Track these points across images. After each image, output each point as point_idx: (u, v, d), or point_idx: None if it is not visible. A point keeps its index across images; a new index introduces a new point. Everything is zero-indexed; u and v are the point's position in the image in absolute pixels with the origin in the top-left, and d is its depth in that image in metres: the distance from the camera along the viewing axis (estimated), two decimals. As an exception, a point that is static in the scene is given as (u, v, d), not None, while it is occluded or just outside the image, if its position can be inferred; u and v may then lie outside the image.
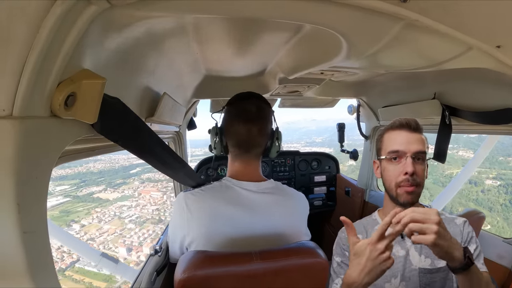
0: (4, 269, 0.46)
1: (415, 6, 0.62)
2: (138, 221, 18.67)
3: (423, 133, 1.13)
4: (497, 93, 1.19)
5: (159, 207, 20.35)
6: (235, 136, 1.20)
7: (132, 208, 20.33)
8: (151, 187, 22.85)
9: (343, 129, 2.55)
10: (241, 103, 1.22)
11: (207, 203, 1.13)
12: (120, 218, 18.69)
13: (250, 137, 1.18)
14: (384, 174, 1.13)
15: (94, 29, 0.56)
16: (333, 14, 0.68)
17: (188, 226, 1.12)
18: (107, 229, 18.10)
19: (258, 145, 1.21)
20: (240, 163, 1.23)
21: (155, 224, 18.32)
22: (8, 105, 0.44)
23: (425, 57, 0.95)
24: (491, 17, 0.64)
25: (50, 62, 0.47)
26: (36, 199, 0.49)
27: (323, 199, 2.70)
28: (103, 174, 25.52)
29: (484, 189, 15.72)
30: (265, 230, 1.15)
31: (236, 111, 1.21)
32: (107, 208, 20.62)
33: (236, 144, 1.21)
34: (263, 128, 1.20)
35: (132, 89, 0.97)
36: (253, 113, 1.18)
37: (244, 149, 1.20)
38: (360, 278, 0.84)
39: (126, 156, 25.50)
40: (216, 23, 0.95)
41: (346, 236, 1.17)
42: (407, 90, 1.77)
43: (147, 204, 20.88)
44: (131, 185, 23.75)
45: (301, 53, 1.24)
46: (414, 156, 1.06)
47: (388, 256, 0.83)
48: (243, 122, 1.17)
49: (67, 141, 0.58)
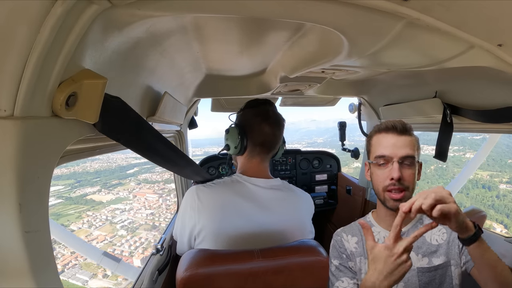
0: (6, 268, 0.46)
1: (416, 5, 0.62)
2: (130, 227, 18.25)
3: (414, 132, 1.12)
4: (499, 91, 1.19)
5: (153, 211, 19.82)
6: (261, 136, 1.28)
7: (126, 212, 19.66)
8: (147, 188, 22.35)
9: (344, 128, 2.55)
10: (264, 106, 1.32)
11: (218, 195, 1.19)
12: (111, 223, 18.32)
13: (274, 138, 1.30)
14: (373, 178, 1.14)
15: (95, 28, 0.56)
16: (334, 13, 0.67)
17: (199, 215, 1.16)
18: (96, 236, 17.40)
19: (276, 147, 1.33)
20: (257, 161, 1.30)
21: (149, 231, 17.76)
22: (9, 105, 0.44)
23: (426, 55, 0.95)
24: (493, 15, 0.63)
25: (51, 62, 0.47)
26: (38, 198, 0.49)
27: (324, 197, 2.70)
28: (99, 174, 25.09)
29: (499, 194, 15.58)
30: (271, 225, 1.19)
31: (262, 113, 1.29)
32: (99, 212, 20.03)
33: (261, 143, 1.29)
34: (281, 132, 1.34)
35: (133, 89, 0.97)
36: (275, 118, 1.30)
37: (266, 148, 1.30)
38: (378, 282, 0.83)
39: (124, 155, 25.03)
40: (217, 22, 0.94)
41: (341, 239, 1.18)
42: (408, 89, 1.76)
43: (141, 207, 20.26)
44: (127, 186, 23.23)
45: (302, 52, 1.23)
46: (401, 161, 1.05)
47: (405, 259, 0.82)
48: (270, 124, 1.28)
49: (68, 141, 0.58)
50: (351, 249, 1.15)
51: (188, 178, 1.47)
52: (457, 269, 1.06)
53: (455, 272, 1.06)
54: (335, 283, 1.11)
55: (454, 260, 1.06)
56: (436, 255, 1.08)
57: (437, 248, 1.09)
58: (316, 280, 1.04)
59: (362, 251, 1.13)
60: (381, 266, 0.83)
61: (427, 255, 1.08)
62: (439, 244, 1.09)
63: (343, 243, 1.17)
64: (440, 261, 1.06)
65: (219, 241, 1.12)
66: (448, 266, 1.06)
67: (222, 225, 1.14)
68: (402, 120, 1.11)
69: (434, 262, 1.07)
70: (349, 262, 1.13)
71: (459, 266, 1.06)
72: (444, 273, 1.06)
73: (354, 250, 1.14)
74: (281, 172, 2.74)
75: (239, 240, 1.13)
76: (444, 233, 1.11)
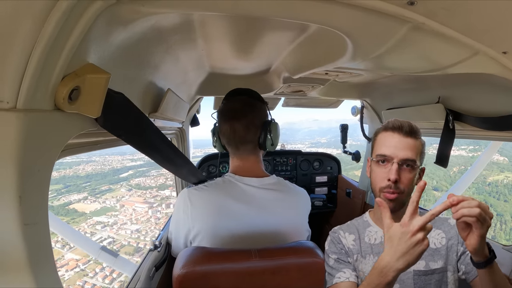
0: (5, 261, 0.46)
1: (422, 9, 0.62)
2: (110, 248, 15.66)
3: (421, 137, 1.09)
4: (502, 99, 1.18)
5: (140, 226, 17.67)
6: (224, 135, 1.24)
7: (108, 227, 17.27)
8: (137, 196, 20.65)
9: (346, 130, 2.55)
10: (227, 102, 1.26)
11: (210, 198, 1.16)
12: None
13: (235, 135, 1.20)
14: (372, 176, 1.12)
15: (100, 24, 0.56)
16: (339, 15, 0.67)
17: (192, 220, 1.14)
18: (67, 260, 14.34)
19: (246, 141, 1.22)
20: (238, 160, 1.26)
21: (131, 255, 15.18)
22: (12, 97, 0.44)
23: (430, 60, 0.94)
24: (499, 22, 0.63)
25: (55, 56, 0.47)
26: (38, 191, 0.50)
27: (324, 200, 2.70)
28: (90, 178, 23.20)
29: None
30: (267, 225, 1.17)
31: (222, 110, 1.25)
32: (79, 226, 17.77)
33: (226, 142, 1.26)
34: (250, 123, 1.20)
35: (136, 85, 0.98)
36: (237, 110, 1.20)
37: (233, 146, 1.24)
38: (393, 262, 0.79)
39: (121, 157, 23.52)
40: (222, 21, 0.94)
41: (339, 236, 1.17)
42: (411, 93, 1.76)
43: (127, 221, 18.08)
44: (116, 193, 21.33)
45: (306, 53, 1.23)
46: (401, 163, 1.03)
47: (422, 237, 0.78)
48: (227, 120, 1.21)
49: (70, 135, 0.58)
50: (349, 245, 1.14)
51: (185, 179, 1.45)
52: (454, 275, 1.05)
53: (451, 278, 1.05)
54: (335, 275, 1.08)
55: (451, 266, 1.06)
56: (434, 259, 1.07)
57: (434, 252, 1.08)
58: (312, 282, 1.04)
59: (359, 249, 1.13)
60: (396, 244, 0.80)
61: (424, 257, 1.06)
62: (437, 248, 1.08)
63: (340, 239, 1.15)
64: (437, 266, 1.05)
65: (214, 245, 1.11)
66: (445, 271, 1.06)
67: (216, 228, 1.12)
68: (411, 122, 1.08)
69: (431, 265, 1.06)
70: (348, 257, 1.12)
71: (456, 272, 1.05)
72: (441, 278, 1.05)
73: (351, 247, 1.13)
74: (282, 173, 2.75)
75: (235, 242, 1.11)
76: (443, 237, 1.10)
